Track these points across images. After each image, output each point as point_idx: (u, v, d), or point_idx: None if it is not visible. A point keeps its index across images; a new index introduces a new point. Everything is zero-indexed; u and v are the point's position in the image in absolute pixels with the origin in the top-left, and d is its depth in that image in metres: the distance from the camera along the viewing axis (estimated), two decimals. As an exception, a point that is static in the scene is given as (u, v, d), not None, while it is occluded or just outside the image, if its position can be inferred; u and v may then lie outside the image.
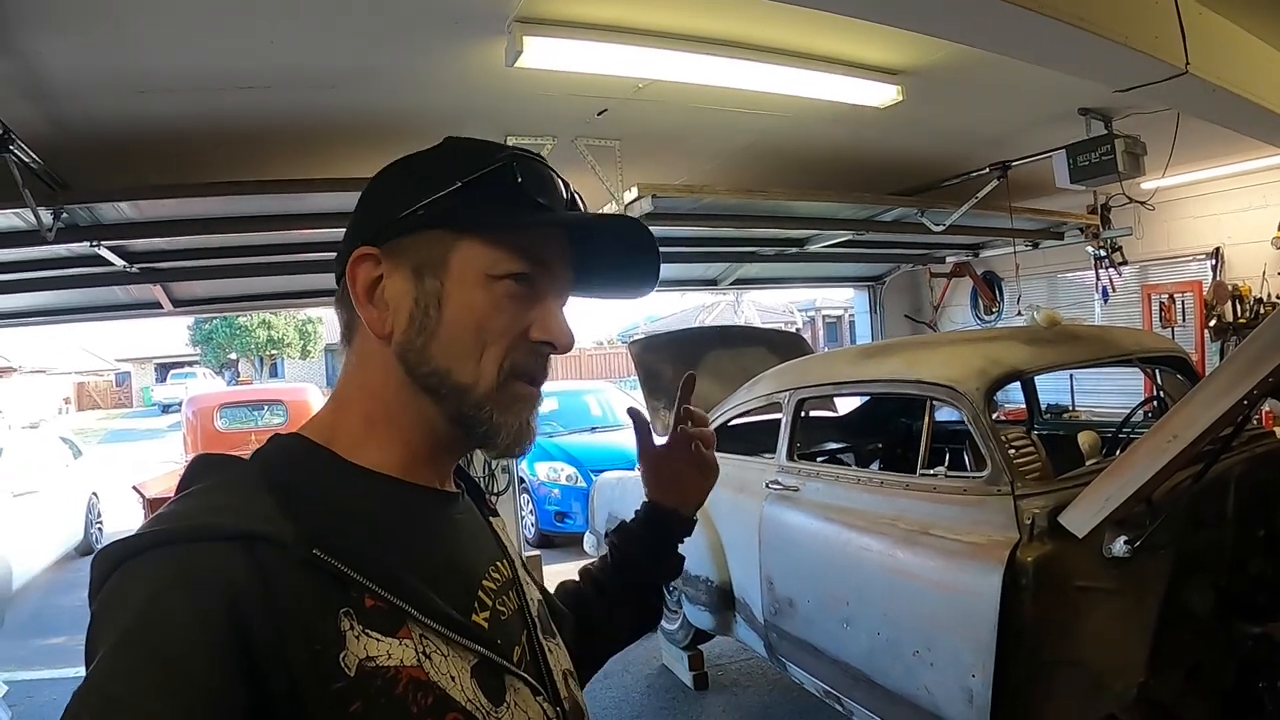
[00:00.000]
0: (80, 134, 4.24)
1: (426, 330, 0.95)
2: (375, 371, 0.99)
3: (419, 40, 3.66)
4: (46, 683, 6.37)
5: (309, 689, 0.76)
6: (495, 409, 0.96)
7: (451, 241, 0.95)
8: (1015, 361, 3.59)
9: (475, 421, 0.96)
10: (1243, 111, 4.21)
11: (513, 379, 0.97)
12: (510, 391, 0.97)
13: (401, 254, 0.96)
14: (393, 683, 0.81)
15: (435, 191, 0.95)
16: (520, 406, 0.99)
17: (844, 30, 3.83)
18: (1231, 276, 8.25)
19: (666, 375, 5.99)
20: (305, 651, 0.77)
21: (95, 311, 7.45)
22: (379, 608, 0.84)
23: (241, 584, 0.76)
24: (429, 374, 0.95)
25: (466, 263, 0.95)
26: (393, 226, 0.96)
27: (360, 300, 0.97)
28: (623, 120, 4.91)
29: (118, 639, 0.72)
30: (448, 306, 0.95)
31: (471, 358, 0.95)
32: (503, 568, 1.09)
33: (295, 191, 4.76)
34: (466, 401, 0.95)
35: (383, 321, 0.96)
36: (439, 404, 0.96)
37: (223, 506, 0.84)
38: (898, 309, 11.51)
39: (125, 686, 0.69)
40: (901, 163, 6.57)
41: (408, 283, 0.96)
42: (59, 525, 9.99)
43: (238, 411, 11.96)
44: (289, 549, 0.80)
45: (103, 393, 45.23)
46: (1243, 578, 3.30)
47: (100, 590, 0.78)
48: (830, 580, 3.81)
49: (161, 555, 0.77)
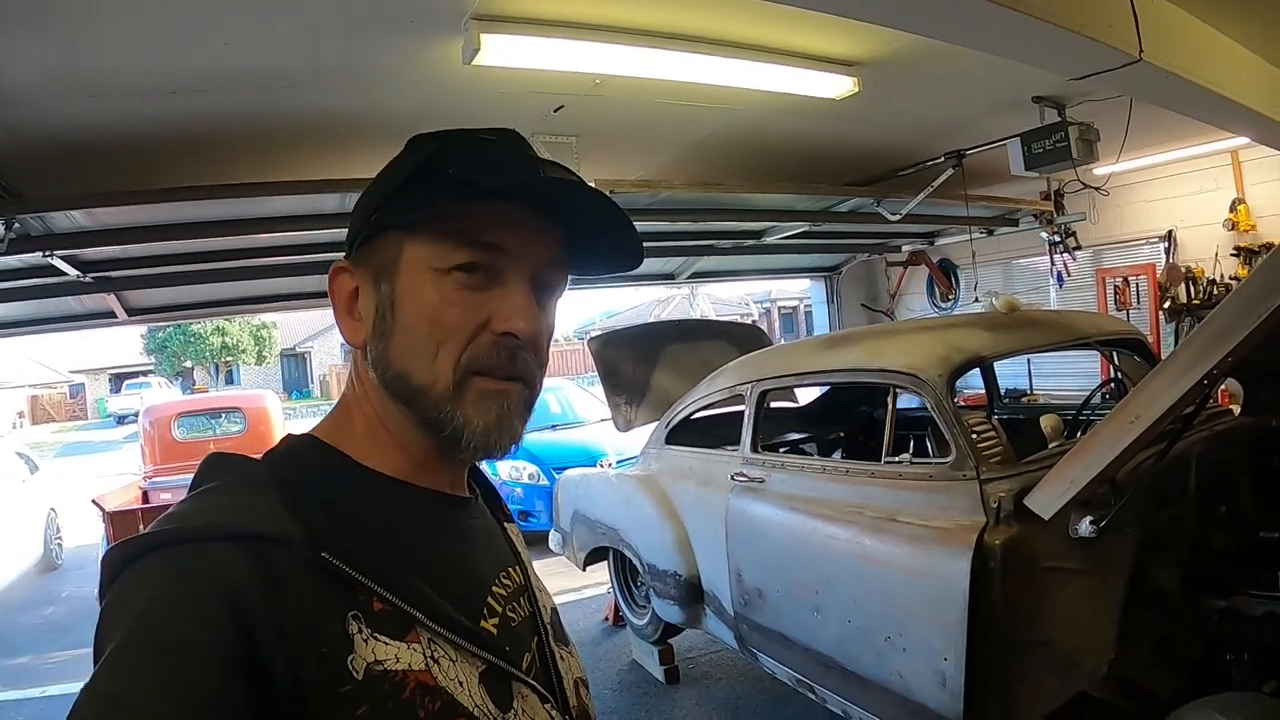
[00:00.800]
0: (31, 140, 4.15)
1: (385, 335, 0.95)
2: (364, 381, 0.99)
3: (376, 39, 3.63)
4: (10, 704, 6.24)
5: (314, 691, 0.76)
6: (456, 409, 0.93)
7: (399, 242, 0.94)
8: (976, 348, 3.62)
9: (439, 424, 0.94)
10: (1196, 98, 4.27)
11: (472, 375, 0.94)
12: (473, 389, 0.94)
13: (366, 263, 0.97)
14: (400, 687, 0.81)
15: (384, 195, 0.95)
16: (487, 404, 0.94)
17: (800, 23, 3.85)
18: (1184, 259, 8.40)
19: (627, 371, 6.00)
20: (311, 653, 0.77)
21: (48, 323, 7.31)
22: (387, 611, 0.83)
23: (246, 584, 0.76)
24: (392, 379, 0.94)
25: (413, 261, 0.94)
26: (359, 237, 0.97)
27: (339, 313, 0.99)
28: (580, 116, 4.90)
29: (122, 639, 0.72)
30: (400, 309, 0.94)
31: (425, 358, 0.93)
32: (514, 574, 1.09)
33: (254, 195, 4.69)
34: (426, 403, 0.93)
35: (356, 332, 0.98)
36: (409, 409, 0.95)
37: (230, 506, 0.84)
38: (854, 298, 11.63)
39: (128, 687, 0.69)
40: (858, 153, 6.62)
41: (371, 290, 0.96)
42: (17, 542, 9.81)
43: (195, 420, 11.79)
44: (296, 550, 0.80)
45: (57, 405, 44.57)
46: (1206, 553, 3.36)
47: (108, 590, 0.78)
48: (799, 570, 3.83)
49: (167, 555, 0.77)
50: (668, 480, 5.06)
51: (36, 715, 5.84)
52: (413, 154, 0.96)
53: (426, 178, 0.93)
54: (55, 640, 7.69)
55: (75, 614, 8.32)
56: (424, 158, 0.94)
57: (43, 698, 6.21)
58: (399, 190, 0.94)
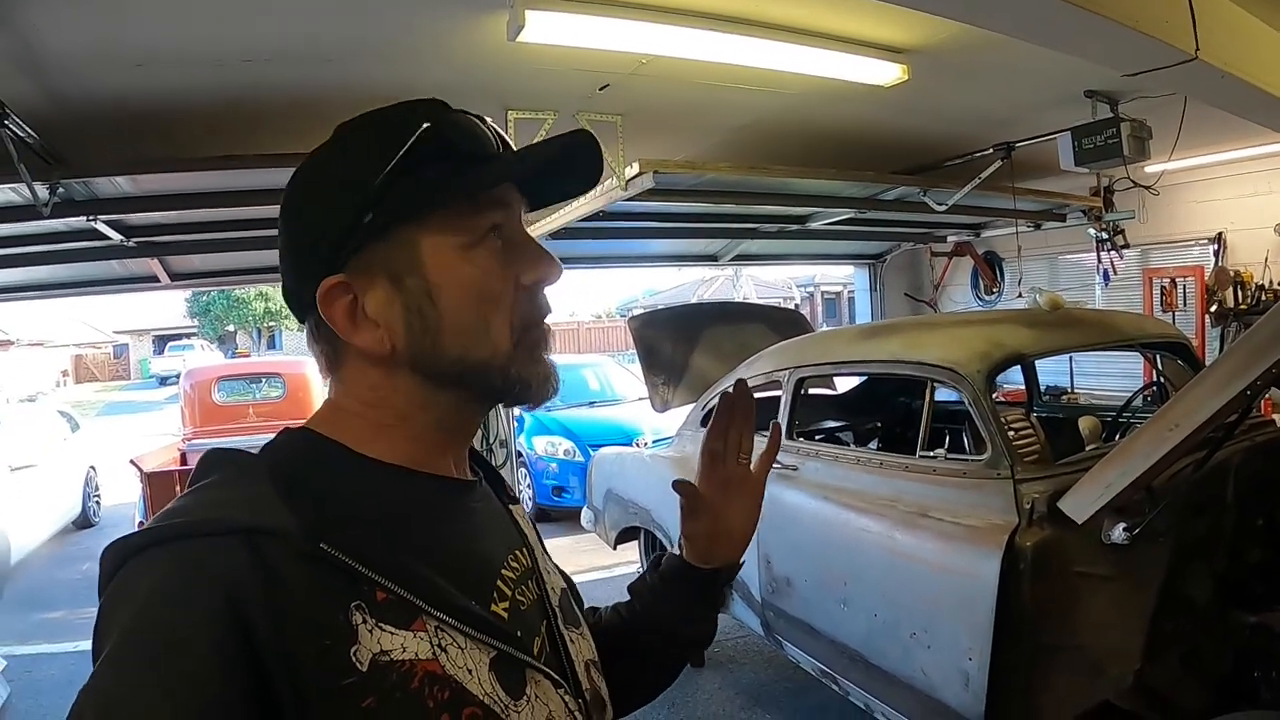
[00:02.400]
0: (76, 108, 4.19)
1: (430, 329, 0.92)
2: (379, 389, 0.95)
3: (421, 13, 3.62)
4: (45, 657, 6.36)
5: (317, 685, 0.75)
6: (519, 367, 0.95)
7: (415, 234, 0.91)
8: (1017, 344, 3.58)
9: (506, 387, 0.95)
10: (1252, 99, 4.18)
11: (524, 331, 0.96)
12: (527, 343, 0.96)
13: (369, 268, 0.92)
14: (408, 677, 0.79)
15: (369, 193, 0.89)
16: (539, 352, 0.98)
17: (850, 8, 3.81)
18: (1233, 262, 8.24)
19: (666, 351, 6.00)
20: (312, 647, 0.75)
21: (92, 285, 7.45)
22: (391, 600, 0.82)
23: (243, 579, 0.75)
24: (450, 365, 0.93)
25: (440, 247, 0.91)
26: (346, 245, 0.91)
27: (345, 329, 0.93)
28: (625, 96, 4.88)
29: (119, 638, 0.71)
30: (441, 296, 0.91)
31: (479, 333, 0.93)
32: (522, 556, 1.06)
33: (292, 165, 4.69)
34: (491, 372, 0.94)
35: (379, 340, 0.93)
36: (466, 389, 0.95)
37: (226, 501, 0.82)
38: (898, 287, 11.53)
39: (126, 686, 0.69)
40: (905, 142, 6.54)
41: (389, 293, 0.92)
42: (57, 499, 9.99)
43: (235, 384, 11.90)
44: (294, 542, 0.79)
45: (100, 365, 45.27)
46: (1240, 566, 3.30)
47: (106, 587, 0.78)
48: (828, 560, 3.82)
49: (162, 552, 0.76)
50: (701, 463, 5.01)
51: (68, 669, 5.95)
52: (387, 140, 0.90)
53: (429, 160, 0.90)
54: (89, 596, 7.65)
55: (110, 572, 8.43)
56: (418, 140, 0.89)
57: (75, 652, 6.34)
58: (394, 180, 0.89)
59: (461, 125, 0.93)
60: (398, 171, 0.89)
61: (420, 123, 0.90)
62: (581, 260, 9.21)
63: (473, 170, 0.91)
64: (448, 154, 0.90)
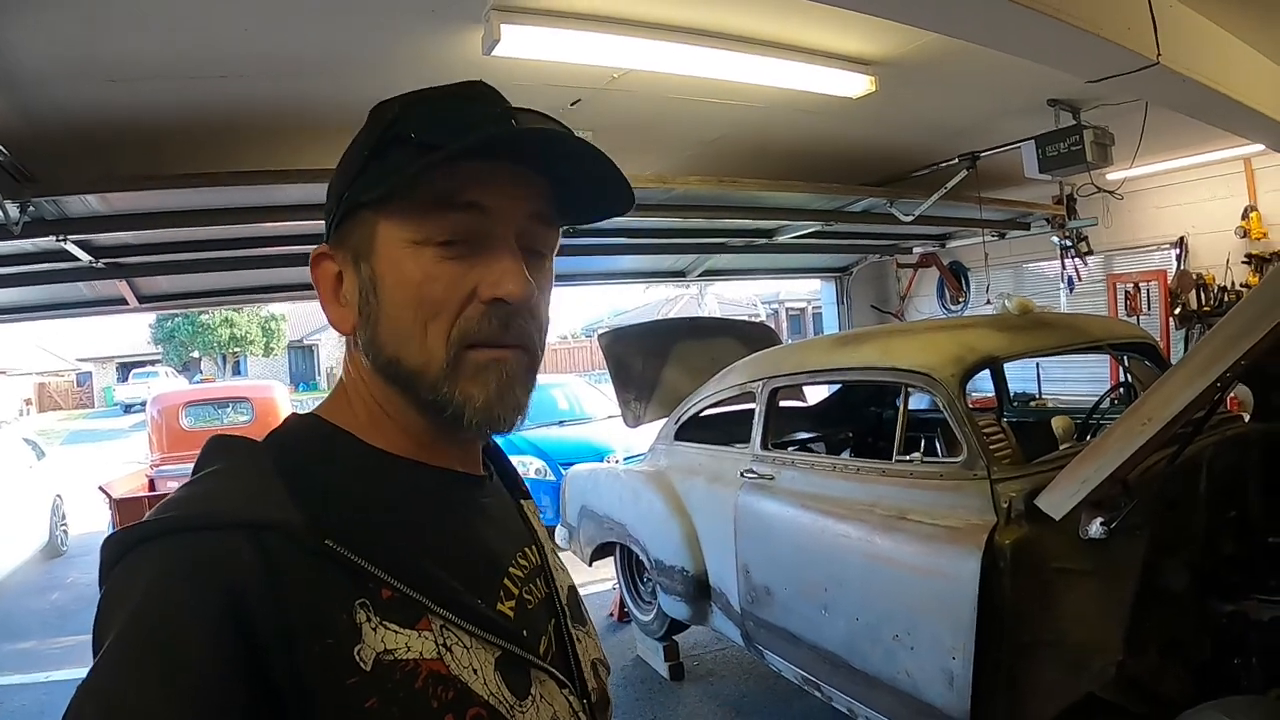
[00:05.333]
0: (48, 125, 4.15)
1: (372, 319, 0.91)
2: (359, 367, 0.95)
3: (396, 28, 3.63)
4: (15, 688, 6.25)
5: (320, 683, 0.74)
6: (454, 387, 0.89)
7: (373, 219, 0.89)
8: (990, 348, 3.63)
9: (439, 405, 0.89)
10: (1212, 103, 4.27)
11: (466, 350, 0.89)
12: (468, 363, 0.89)
13: (344, 245, 0.93)
14: (412, 676, 0.78)
15: (353, 173, 0.91)
16: (485, 376, 0.90)
17: (818, 20, 3.86)
18: (1196, 265, 8.39)
19: (636, 367, 6.00)
20: (316, 645, 0.74)
21: (59, 309, 7.33)
22: (396, 599, 0.81)
23: (245, 575, 0.74)
24: (385, 364, 0.91)
25: (389, 238, 0.89)
26: (333, 219, 0.93)
27: (325, 301, 0.95)
28: (597, 111, 4.90)
29: (119, 631, 0.70)
30: (382, 289, 0.89)
31: (415, 339, 0.88)
32: (531, 553, 1.05)
33: (269, 183, 4.71)
34: (423, 385, 0.89)
35: (344, 319, 0.94)
36: (406, 393, 0.92)
37: (230, 493, 0.81)
38: (865, 299, 11.62)
39: (126, 681, 0.68)
40: (872, 153, 6.62)
41: (353, 273, 0.92)
42: (23, 528, 9.81)
43: (203, 409, 11.82)
44: (299, 538, 0.78)
45: (64, 393, 44.62)
46: (1215, 557, 3.36)
47: (106, 579, 0.76)
48: (808, 567, 3.83)
49: (164, 545, 0.75)
50: (676, 476, 5.05)
51: (40, 699, 5.85)
52: (374, 125, 0.91)
53: (389, 148, 0.88)
54: (59, 626, 7.70)
55: (80, 600, 8.31)
56: (383, 128, 0.89)
57: (46, 682, 6.23)
58: (364, 165, 0.89)
59: (435, 114, 0.89)
60: (370, 156, 0.89)
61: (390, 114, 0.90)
62: (549, 278, 9.15)
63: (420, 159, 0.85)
64: (406, 142, 0.87)
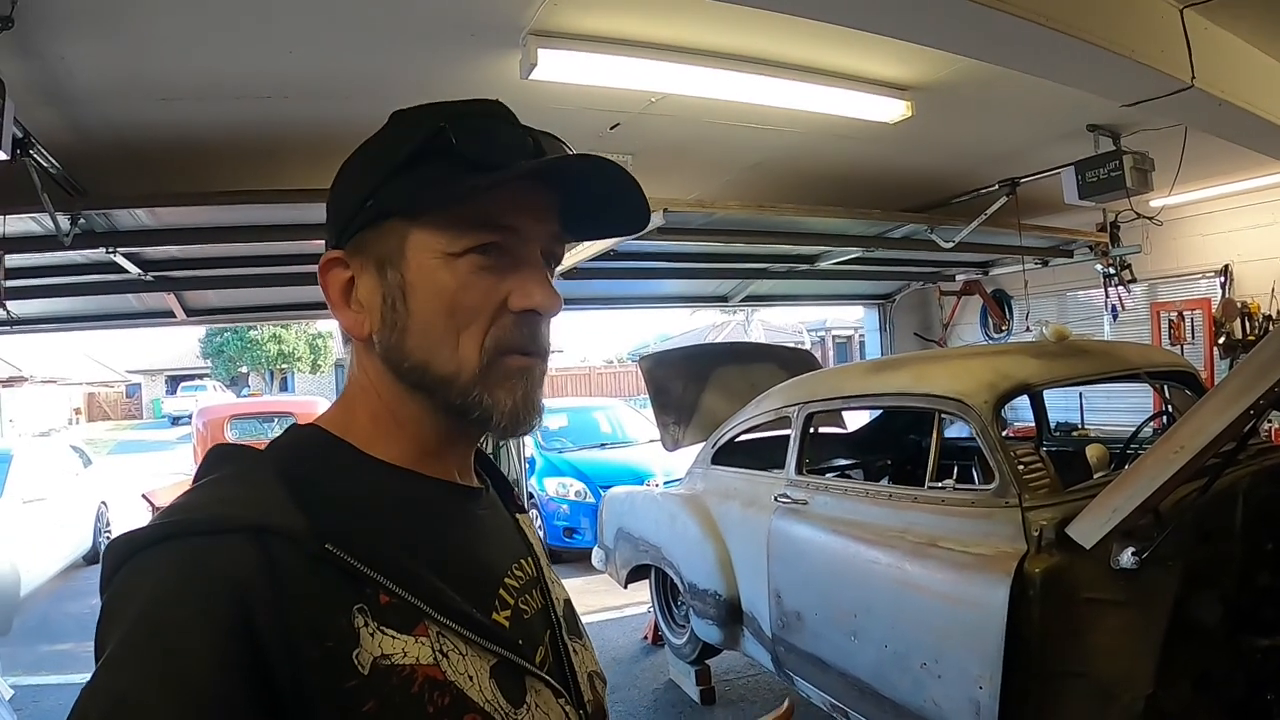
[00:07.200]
0: (99, 140, 4.27)
1: (398, 326, 0.91)
2: (370, 373, 0.96)
3: (435, 52, 3.69)
4: (52, 688, 6.37)
5: (319, 687, 0.74)
6: (484, 392, 0.91)
7: (404, 228, 0.90)
8: (1024, 375, 3.60)
9: (467, 409, 0.92)
10: (1249, 126, 4.22)
11: (499, 357, 0.91)
12: (499, 369, 0.92)
13: (364, 251, 0.93)
14: (409, 681, 0.79)
15: (379, 179, 0.91)
16: (514, 382, 0.93)
17: (854, 45, 3.87)
18: (1240, 294, 8.24)
19: (676, 391, 6.01)
20: (316, 648, 0.75)
21: (109, 319, 7.51)
22: (394, 604, 0.82)
23: (248, 579, 0.75)
24: (410, 370, 0.92)
25: (422, 247, 0.90)
26: (352, 225, 0.93)
27: (335, 305, 0.96)
28: (636, 135, 4.94)
29: (123, 636, 0.71)
30: (413, 297, 0.90)
31: (448, 345, 0.90)
32: (527, 565, 1.06)
33: (311, 201, 4.76)
34: (453, 391, 0.91)
35: (360, 324, 0.94)
36: (429, 398, 0.93)
37: (233, 498, 0.82)
38: (907, 327, 11.56)
39: (130, 684, 0.69)
40: (910, 179, 6.60)
41: (375, 279, 0.93)
42: (68, 533, 9.99)
43: (248, 423, 11.98)
44: (300, 543, 0.78)
45: (113, 404, 45.36)
46: (1250, 591, 3.29)
47: (109, 583, 0.77)
48: (838, 593, 3.81)
49: (168, 549, 0.76)
50: (712, 500, 5.06)
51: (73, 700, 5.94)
52: (409, 133, 0.91)
53: (431, 159, 0.89)
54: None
55: (120, 607, 8.41)
56: (427, 137, 0.89)
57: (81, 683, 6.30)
58: (397, 173, 0.90)
59: (478, 131, 0.91)
60: (404, 165, 0.90)
61: (438, 122, 0.90)
62: (592, 301, 9.27)
63: (468, 177, 0.88)
64: (449, 155, 0.89)
